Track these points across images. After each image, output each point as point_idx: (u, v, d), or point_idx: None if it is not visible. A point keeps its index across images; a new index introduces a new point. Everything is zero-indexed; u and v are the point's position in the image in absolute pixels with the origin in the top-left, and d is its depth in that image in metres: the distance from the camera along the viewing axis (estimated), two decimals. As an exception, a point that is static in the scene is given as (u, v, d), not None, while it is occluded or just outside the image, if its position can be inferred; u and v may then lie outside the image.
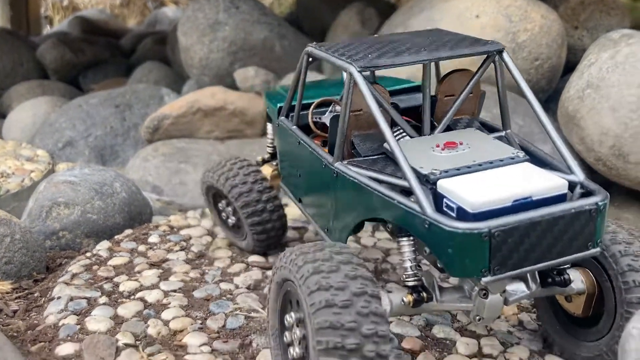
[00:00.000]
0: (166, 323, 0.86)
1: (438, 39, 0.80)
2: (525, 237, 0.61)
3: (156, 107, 1.85)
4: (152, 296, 0.93)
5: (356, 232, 0.84)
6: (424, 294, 0.69)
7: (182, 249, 1.12)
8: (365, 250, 1.14)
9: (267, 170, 1.07)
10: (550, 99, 1.57)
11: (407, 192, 0.67)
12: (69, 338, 0.83)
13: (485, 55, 0.77)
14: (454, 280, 1.00)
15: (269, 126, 1.11)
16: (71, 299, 0.92)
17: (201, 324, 0.86)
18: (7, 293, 0.95)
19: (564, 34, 1.50)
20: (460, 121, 0.82)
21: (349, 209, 0.76)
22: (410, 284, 0.69)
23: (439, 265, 0.69)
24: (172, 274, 1.02)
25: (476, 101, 0.84)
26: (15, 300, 0.93)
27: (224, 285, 0.98)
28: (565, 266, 0.73)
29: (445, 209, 0.64)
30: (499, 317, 0.88)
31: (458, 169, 0.67)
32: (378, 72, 1.06)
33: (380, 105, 0.72)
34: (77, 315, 0.88)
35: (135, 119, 1.82)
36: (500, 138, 0.78)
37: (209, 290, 0.96)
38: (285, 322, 0.68)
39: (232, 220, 1.09)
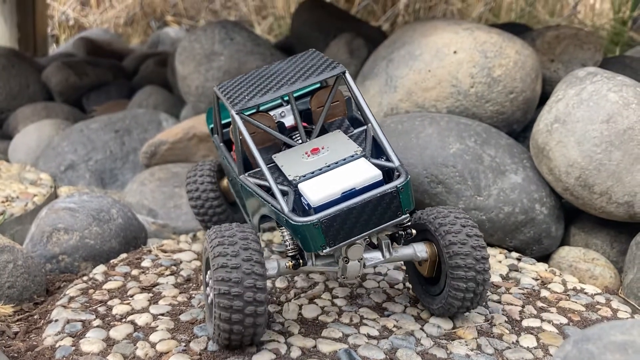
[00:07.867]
0: (153, 345, 0.95)
1: (303, 67, 1.02)
2: (347, 219, 0.86)
3: (154, 132, 1.94)
4: (141, 319, 1.02)
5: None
6: (300, 261, 0.95)
7: (172, 274, 1.20)
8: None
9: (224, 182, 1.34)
10: (526, 128, 1.65)
11: (284, 193, 0.91)
12: (64, 359, 0.91)
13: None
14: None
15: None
16: (67, 322, 1.00)
17: (185, 346, 0.95)
18: (10, 316, 1.04)
19: (539, 68, 1.59)
20: (334, 122, 1.07)
21: (251, 210, 1.03)
22: (290, 254, 0.95)
23: None
24: (162, 297, 1.10)
25: (344, 105, 1.09)
26: (17, 323, 1.02)
27: (208, 309, 1.06)
28: (408, 223, 0.97)
29: (304, 205, 0.89)
30: (458, 339, 0.97)
31: (312, 173, 0.92)
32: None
33: (261, 129, 0.99)
34: (73, 337, 0.97)
35: (134, 144, 1.91)
36: (362, 132, 1.03)
37: (194, 314, 1.04)
38: (207, 280, 0.95)
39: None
